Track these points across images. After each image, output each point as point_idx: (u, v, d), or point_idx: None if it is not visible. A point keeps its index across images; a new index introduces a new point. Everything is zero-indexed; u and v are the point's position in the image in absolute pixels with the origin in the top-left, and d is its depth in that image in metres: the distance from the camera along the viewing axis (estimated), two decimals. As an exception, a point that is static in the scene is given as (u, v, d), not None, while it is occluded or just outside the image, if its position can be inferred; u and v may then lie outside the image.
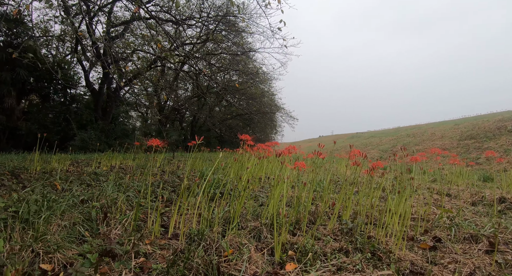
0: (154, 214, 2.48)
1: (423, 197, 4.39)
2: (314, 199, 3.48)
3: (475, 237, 2.46)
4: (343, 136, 41.84)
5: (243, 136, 3.33)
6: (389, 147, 22.14)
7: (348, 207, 2.62)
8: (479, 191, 5.18)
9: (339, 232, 2.33)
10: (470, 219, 3.00)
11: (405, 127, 36.76)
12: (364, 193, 3.13)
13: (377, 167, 2.51)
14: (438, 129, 23.54)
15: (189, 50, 14.41)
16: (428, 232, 2.64)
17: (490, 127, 17.49)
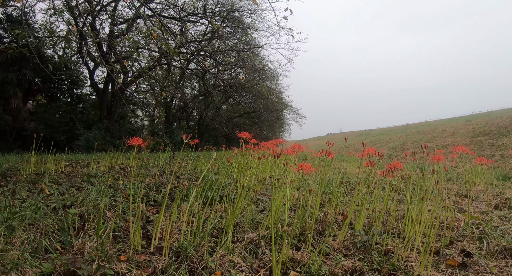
0: (140, 222, 2.18)
1: (441, 199, 4.02)
2: (322, 203, 3.15)
3: (510, 250, 2.11)
4: (352, 134, 41.29)
5: (242, 134, 3.02)
6: (399, 144, 21.67)
7: (362, 214, 2.29)
8: (500, 192, 4.80)
9: (351, 245, 2.00)
10: (499, 227, 2.64)
11: (414, 124, 36.10)
12: (378, 195, 2.80)
13: (395, 168, 2.18)
14: (449, 126, 22.99)
15: (195, 48, 14.13)
16: (454, 243, 2.29)
17: (503, 123, 16.96)
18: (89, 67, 15.87)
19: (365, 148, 2.41)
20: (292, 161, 3.26)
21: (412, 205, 2.32)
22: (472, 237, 2.37)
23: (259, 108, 19.08)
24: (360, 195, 2.69)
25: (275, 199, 2.10)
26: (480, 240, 2.28)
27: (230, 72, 19.80)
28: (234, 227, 2.22)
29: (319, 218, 2.24)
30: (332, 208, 2.79)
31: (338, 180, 3.28)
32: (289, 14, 6.36)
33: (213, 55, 14.08)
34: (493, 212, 3.45)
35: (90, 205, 2.55)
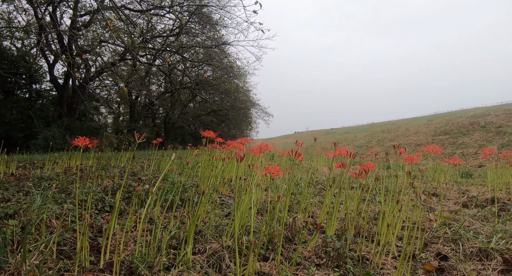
0: (89, 233, 1.93)
1: (414, 199, 3.99)
2: (291, 205, 3.00)
3: (485, 251, 2.04)
4: (318, 133, 41.86)
5: (206, 133, 2.81)
6: (364, 142, 22.06)
7: (333, 218, 2.15)
8: (466, 190, 4.85)
9: (324, 253, 1.85)
10: (471, 226, 2.59)
11: (379, 123, 37.07)
12: (350, 197, 2.68)
13: (369, 169, 2.05)
14: (412, 125, 23.68)
15: (162, 44, 13.68)
16: (428, 245, 2.20)
17: (463, 123, 17.60)
18: (49, 61, 15.01)
19: (337, 148, 2.27)
20: (259, 162, 3.09)
21: (386, 208, 2.20)
22: (446, 239, 2.29)
23: (227, 107, 18.84)
24: (330, 196, 2.56)
25: (240, 204, 1.92)
26: (455, 242, 2.20)
27: (198, 69, 19.43)
28: (196, 236, 2.01)
29: (288, 223, 2.08)
30: (301, 211, 2.64)
31: (307, 180, 3.14)
32: (258, 8, 6.20)
33: (180, 51, 13.70)
34: (463, 210, 3.43)
35: (34, 214, 2.26)
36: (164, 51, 13.68)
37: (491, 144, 12.94)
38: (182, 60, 15.21)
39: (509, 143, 12.17)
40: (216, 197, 3.13)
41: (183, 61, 15.47)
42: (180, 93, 20.05)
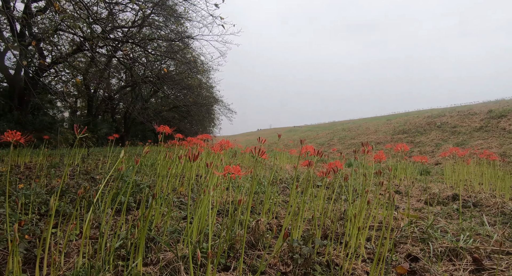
0: (25, 242, 1.67)
1: (376, 197, 3.96)
2: (254, 206, 2.84)
3: (454, 251, 1.97)
4: (281, 130, 42.13)
5: (162, 128, 2.57)
6: (326, 140, 22.36)
7: (299, 219, 2.01)
8: (427, 187, 4.91)
9: (290, 259, 1.70)
10: (437, 225, 2.54)
11: (340, 122, 37.83)
12: (319, 197, 2.56)
13: (337, 169, 1.93)
14: (372, 124, 24.28)
15: (124, 35, 13.06)
16: (397, 246, 2.11)
17: (420, 123, 18.22)
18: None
19: (303, 145, 2.13)
20: (219, 160, 2.89)
21: (354, 209, 2.09)
22: (415, 238, 2.22)
23: (189, 103, 18.41)
24: (295, 195, 2.42)
25: (198, 206, 1.73)
26: (424, 242, 2.13)
27: (160, 63, 18.84)
28: (150, 243, 1.79)
29: (251, 226, 1.91)
30: (264, 212, 2.48)
31: (271, 178, 3.00)
32: (220, 1, 5.99)
33: (143, 44, 13.16)
34: (426, 208, 3.43)
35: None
36: (125, 43, 13.09)
37: (447, 142, 13.46)
38: (144, 53, 14.65)
39: (463, 142, 12.70)
40: (174, 198, 2.91)
41: (145, 54, 14.91)
42: (141, 87, 19.38)
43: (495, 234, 2.37)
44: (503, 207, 3.47)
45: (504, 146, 10.86)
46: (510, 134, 11.92)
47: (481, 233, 2.41)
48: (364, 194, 2.10)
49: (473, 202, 3.68)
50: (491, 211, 3.39)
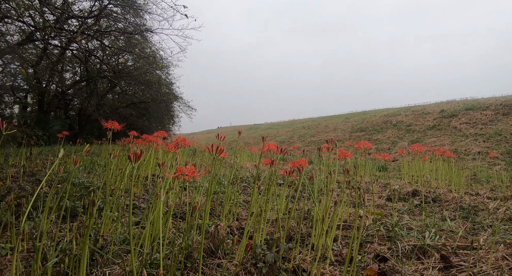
0: None
1: (337, 194, 3.91)
2: (213, 208, 2.66)
3: (421, 249, 1.92)
4: (242, 128, 42.04)
5: (110, 124, 2.32)
6: (286, 138, 22.51)
7: (261, 221, 1.87)
8: (387, 183, 4.96)
9: (253, 267, 1.55)
10: (402, 222, 2.50)
11: (300, 120, 38.28)
12: (282, 196, 2.42)
13: (301, 167, 1.80)
14: (331, 122, 24.75)
15: (79, 26, 12.31)
16: (364, 246, 2.03)
17: (377, 121, 18.77)
18: None
19: (266, 143, 1.99)
20: (173, 159, 2.69)
21: (320, 210, 1.98)
22: (381, 237, 2.14)
23: (148, 99, 17.77)
24: (256, 194, 2.28)
25: (150, 212, 1.53)
26: (390, 240, 2.06)
27: (118, 57, 18.04)
28: (95, 256, 1.57)
29: (210, 231, 1.74)
30: (224, 215, 2.31)
31: (231, 177, 2.84)
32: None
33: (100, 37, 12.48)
34: (389, 204, 3.41)
35: None
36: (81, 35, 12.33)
37: (402, 140, 13.93)
38: (101, 46, 13.91)
39: (418, 140, 13.19)
40: (127, 201, 2.67)
41: (102, 48, 14.17)
42: (97, 82, 18.45)
43: (458, 230, 2.36)
44: (461, 201, 3.54)
45: (456, 143, 11.37)
46: (461, 132, 12.52)
47: (444, 229, 2.40)
48: (329, 193, 2.00)
49: (432, 197, 3.72)
50: (450, 206, 3.44)
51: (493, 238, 2.26)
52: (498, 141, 10.60)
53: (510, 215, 3.07)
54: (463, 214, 3.12)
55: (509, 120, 12.12)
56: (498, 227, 2.51)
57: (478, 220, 2.92)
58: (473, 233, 2.53)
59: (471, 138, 11.64)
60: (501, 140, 10.60)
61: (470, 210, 3.25)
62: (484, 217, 3.04)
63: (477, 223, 2.83)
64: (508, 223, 2.87)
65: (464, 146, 10.91)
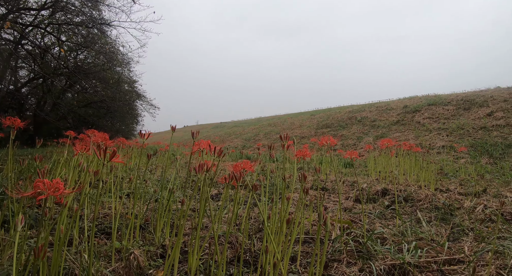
0: None
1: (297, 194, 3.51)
2: (148, 221, 2.16)
3: (401, 268, 1.53)
4: (208, 126, 41.27)
5: (7, 121, 1.80)
6: (252, 135, 22.13)
7: (196, 238, 1.41)
8: (354, 181, 4.63)
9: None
10: (373, 230, 2.11)
11: (266, 118, 38.02)
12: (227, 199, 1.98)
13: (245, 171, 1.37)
14: (297, 119, 24.62)
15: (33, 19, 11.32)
16: (330, 267, 1.61)
17: (342, 117, 18.76)
18: None
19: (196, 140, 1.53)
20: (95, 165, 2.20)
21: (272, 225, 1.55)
22: (350, 253, 1.74)
23: (107, 98, 16.79)
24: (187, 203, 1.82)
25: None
26: (362, 257, 1.66)
27: (76, 53, 16.93)
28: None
29: (126, 259, 1.26)
30: (159, 228, 1.83)
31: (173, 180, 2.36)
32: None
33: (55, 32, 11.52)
34: (357, 206, 3.05)
35: None
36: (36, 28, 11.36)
37: (367, 136, 13.87)
38: (58, 42, 12.87)
39: (383, 135, 13.15)
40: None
41: (59, 44, 13.11)
42: (54, 80, 17.20)
43: (439, 237, 2.00)
44: (434, 200, 3.24)
45: (420, 137, 11.38)
46: (424, 127, 12.58)
47: (424, 237, 2.03)
48: (285, 199, 1.57)
49: (403, 196, 3.40)
50: (424, 206, 3.12)
51: (480, 246, 1.93)
52: (461, 135, 10.68)
53: (489, 214, 2.78)
54: (439, 215, 2.81)
55: (471, 115, 12.29)
56: (482, 232, 2.20)
57: (456, 221, 2.61)
58: (454, 237, 2.20)
59: (434, 132, 11.70)
60: (464, 134, 10.68)
61: (446, 210, 2.94)
62: (461, 217, 2.74)
63: (455, 225, 2.51)
64: (489, 224, 2.58)
65: (429, 140, 10.92)
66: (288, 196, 1.52)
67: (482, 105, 12.89)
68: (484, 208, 2.99)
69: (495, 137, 9.70)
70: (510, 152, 8.34)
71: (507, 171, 6.00)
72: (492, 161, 7.71)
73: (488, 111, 11.99)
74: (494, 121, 10.93)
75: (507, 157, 7.95)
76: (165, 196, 2.05)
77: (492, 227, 2.48)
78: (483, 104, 12.94)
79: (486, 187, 4.00)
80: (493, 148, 8.74)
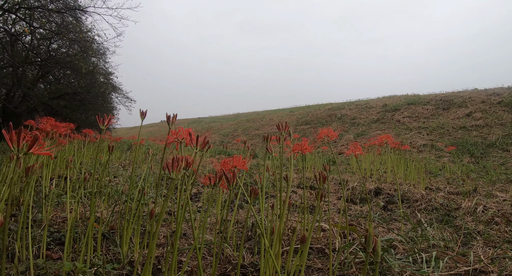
0: None
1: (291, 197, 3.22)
2: (114, 228, 1.81)
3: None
4: (185, 121, 40.49)
5: None
6: (230, 131, 21.76)
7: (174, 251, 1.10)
8: (342, 179, 4.39)
9: None
10: (378, 235, 1.85)
11: (244, 113, 37.61)
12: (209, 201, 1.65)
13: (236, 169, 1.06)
14: (276, 116, 24.40)
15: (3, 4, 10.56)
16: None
17: (322, 115, 18.64)
18: None
19: (173, 128, 1.20)
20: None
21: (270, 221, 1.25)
22: (359, 265, 1.46)
23: (81, 90, 16.01)
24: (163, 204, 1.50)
25: None
26: (374, 271, 1.39)
27: (49, 42, 16.05)
28: None
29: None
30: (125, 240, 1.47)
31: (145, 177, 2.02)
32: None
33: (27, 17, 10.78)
34: (352, 208, 2.78)
35: None
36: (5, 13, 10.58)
37: (348, 133, 13.77)
38: (30, 29, 12.10)
39: (363, 133, 13.08)
40: None
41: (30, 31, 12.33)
42: (24, 69, 16.25)
43: (450, 242, 1.75)
44: (430, 200, 3.02)
45: (401, 135, 11.33)
46: (404, 125, 12.57)
47: (436, 244, 1.78)
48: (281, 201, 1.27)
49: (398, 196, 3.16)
50: (421, 206, 2.89)
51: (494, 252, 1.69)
52: (441, 134, 10.68)
53: (491, 216, 2.57)
54: (439, 216, 2.59)
55: (450, 115, 12.35)
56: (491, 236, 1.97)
57: (458, 223, 2.39)
58: (462, 242, 1.97)
59: (415, 131, 11.69)
60: (444, 133, 10.69)
61: (445, 212, 2.72)
62: (462, 219, 2.52)
63: (460, 228, 2.28)
64: (494, 226, 2.37)
65: (409, 138, 10.88)
66: (288, 201, 1.22)
67: (461, 105, 12.99)
68: (484, 208, 2.79)
69: (475, 137, 9.73)
70: (490, 151, 8.35)
71: (491, 170, 5.91)
72: (473, 160, 7.68)
73: (467, 111, 12.07)
74: (473, 122, 10.99)
75: (488, 157, 7.95)
76: (134, 197, 1.71)
77: (499, 229, 2.27)
78: (461, 105, 13.04)
79: (476, 186, 3.83)
80: (473, 147, 8.74)
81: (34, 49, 13.06)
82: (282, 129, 1.46)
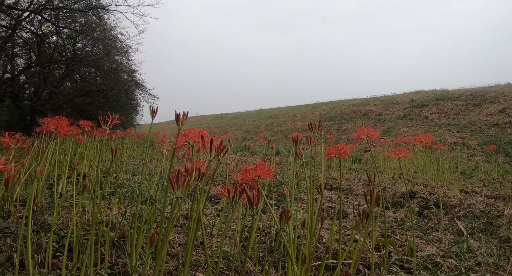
0: None
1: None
2: (125, 236, 1.67)
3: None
4: (208, 118, 40.63)
5: None
6: (252, 127, 21.59)
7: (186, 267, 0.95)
8: (367, 178, 4.16)
9: None
10: (423, 254, 1.64)
11: (266, 110, 37.33)
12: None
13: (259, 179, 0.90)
14: (299, 112, 24.05)
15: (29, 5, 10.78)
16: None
17: (346, 111, 18.23)
18: None
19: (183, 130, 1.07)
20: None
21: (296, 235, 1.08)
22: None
23: (105, 87, 16.25)
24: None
25: None
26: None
27: (74, 42, 16.33)
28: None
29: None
30: (135, 251, 1.34)
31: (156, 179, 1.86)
32: None
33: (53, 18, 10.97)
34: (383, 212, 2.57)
35: None
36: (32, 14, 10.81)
37: (373, 130, 13.40)
38: (55, 29, 12.35)
39: (390, 129, 12.67)
40: None
41: (56, 31, 12.58)
42: (51, 69, 16.63)
43: (501, 260, 1.53)
44: (469, 206, 2.77)
45: (429, 133, 10.88)
46: (433, 122, 12.08)
47: (485, 261, 1.56)
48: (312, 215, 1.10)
49: (434, 201, 2.92)
50: (460, 213, 2.65)
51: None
52: (472, 131, 10.18)
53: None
54: (480, 225, 2.35)
55: (481, 111, 11.78)
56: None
57: (503, 233, 2.15)
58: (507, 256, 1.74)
59: (444, 127, 11.20)
60: (476, 130, 10.18)
61: (486, 219, 2.48)
62: (507, 228, 2.27)
63: (503, 239, 2.04)
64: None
65: (439, 136, 10.43)
66: (322, 215, 1.04)
67: (493, 101, 12.37)
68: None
69: (509, 135, 9.21)
70: (527, 151, 7.86)
71: (530, 172, 5.53)
72: (509, 160, 7.23)
73: (500, 107, 11.48)
74: (508, 119, 10.42)
75: (525, 156, 7.48)
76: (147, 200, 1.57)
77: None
78: (494, 100, 12.41)
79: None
80: (509, 146, 8.24)
81: (60, 49, 13.29)
82: (314, 129, 1.28)
